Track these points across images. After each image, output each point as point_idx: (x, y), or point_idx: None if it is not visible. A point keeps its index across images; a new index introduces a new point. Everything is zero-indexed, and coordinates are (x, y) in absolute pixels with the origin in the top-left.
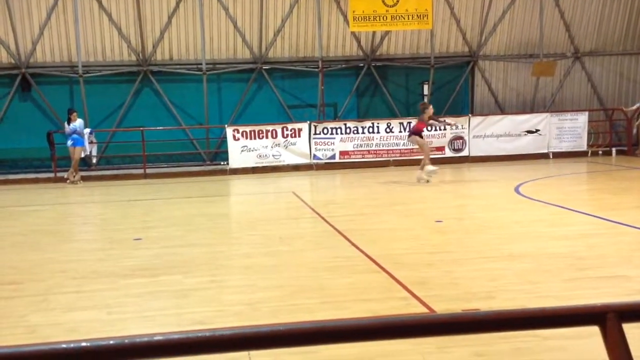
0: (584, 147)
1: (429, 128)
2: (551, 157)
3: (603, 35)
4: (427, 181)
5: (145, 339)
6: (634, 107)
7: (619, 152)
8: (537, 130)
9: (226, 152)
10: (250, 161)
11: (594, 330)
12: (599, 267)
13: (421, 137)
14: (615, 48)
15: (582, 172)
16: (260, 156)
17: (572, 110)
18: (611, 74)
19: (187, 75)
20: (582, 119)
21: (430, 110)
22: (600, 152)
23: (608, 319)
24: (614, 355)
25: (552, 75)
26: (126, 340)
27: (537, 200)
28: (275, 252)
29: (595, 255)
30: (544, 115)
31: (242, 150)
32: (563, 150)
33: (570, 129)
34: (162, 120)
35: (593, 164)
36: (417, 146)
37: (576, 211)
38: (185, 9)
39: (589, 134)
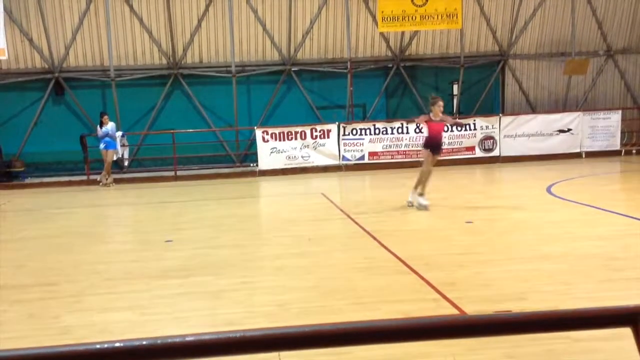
0: (618, 147)
1: (450, 128)
2: (584, 156)
3: (636, 33)
4: (411, 205)
5: (178, 339)
6: None
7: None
8: (569, 130)
9: (255, 154)
10: (279, 162)
11: (627, 332)
12: (634, 268)
13: (439, 148)
14: None
15: (615, 171)
16: (289, 157)
17: (605, 109)
18: None
19: (217, 78)
20: (615, 117)
21: (441, 105)
22: (634, 151)
23: None
24: None
25: (584, 74)
26: (159, 341)
27: (570, 201)
28: (305, 253)
29: (629, 256)
30: (576, 114)
31: (271, 152)
32: (596, 149)
33: (603, 127)
34: (192, 122)
35: (627, 164)
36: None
37: (610, 211)
38: (214, 12)
39: (623, 132)
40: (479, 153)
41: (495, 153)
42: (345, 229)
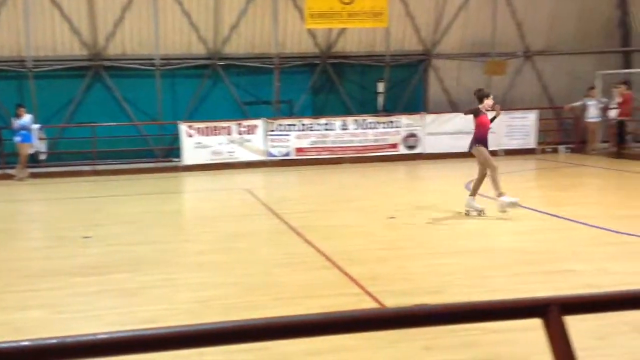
0: (533, 145)
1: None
2: (502, 154)
3: (554, 35)
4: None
5: (90, 337)
6: (577, 104)
7: (567, 150)
8: None
9: (179, 149)
10: (204, 158)
11: (539, 323)
12: (547, 261)
13: (486, 146)
14: (566, 47)
15: (531, 169)
16: (214, 153)
17: (522, 109)
18: (561, 73)
19: (140, 71)
20: (532, 117)
21: (491, 99)
22: (549, 150)
23: (550, 312)
24: (556, 346)
25: (503, 74)
26: (68, 340)
27: (488, 197)
28: (228, 249)
29: (543, 250)
30: (495, 113)
31: (196, 147)
32: (513, 147)
33: (520, 126)
34: (114, 116)
35: (542, 161)
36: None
37: (525, 207)
38: (138, 3)
39: (539, 131)
40: (402, 150)
41: (419, 150)
42: (269, 224)
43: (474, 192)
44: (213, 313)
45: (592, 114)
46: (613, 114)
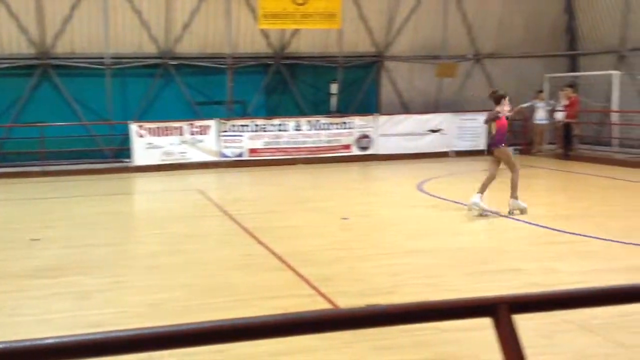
0: (483, 146)
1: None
2: (453, 155)
3: (503, 39)
4: (510, 213)
5: (37, 342)
6: (525, 105)
7: (516, 151)
8: (439, 130)
9: (130, 149)
10: (155, 158)
11: (489, 322)
12: (495, 261)
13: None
14: (514, 51)
15: (481, 170)
16: (166, 153)
17: (472, 111)
18: (510, 75)
19: (90, 70)
20: (481, 119)
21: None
22: None
23: (500, 311)
24: (505, 345)
25: (454, 77)
26: (13, 345)
27: (439, 197)
28: (181, 251)
29: (492, 250)
30: (446, 115)
31: (147, 147)
32: (464, 149)
33: (471, 128)
34: (62, 115)
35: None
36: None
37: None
38: (88, 0)
39: (489, 133)
40: (355, 151)
41: (371, 151)
42: (222, 226)
43: (482, 190)
44: (165, 316)
45: (540, 116)
46: (560, 116)
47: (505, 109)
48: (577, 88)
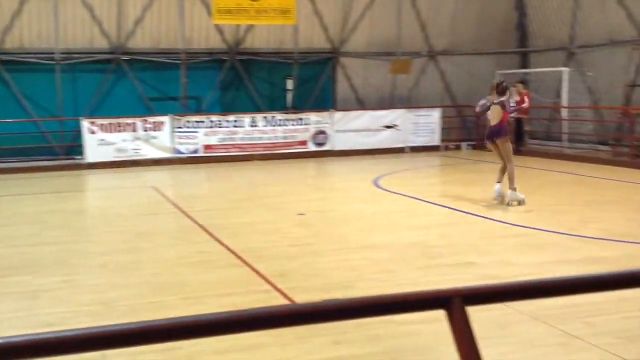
0: (437, 142)
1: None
2: (408, 151)
3: (455, 36)
4: (508, 204)
5: None
6: (482, 102)
7: (469, 147)
8: (394, 126)
9: (82, 146)
10: (108, 155)
11: (443, 314)
12: (450, 254)
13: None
14: (467, 47)
15: (435, 165)
16: (119, 150)
17: (427, 107)
18: (462, 72)
19: (40, 65)
20: (436, 114)
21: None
22: (452, 146)
23: (453, 303)
24: (459, 336)
25: (408, 73)
26: None
27: (394, 193)
28: (134, 248)
29: (446, 244)
30: (400, 111)
31: (99, 144)
32: (418, 144)
33: (425, 124)
34: (11, 112)
35: (445, 158)
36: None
37: (430, 202)
38: None
39: (442, 129)
40: (311, 147)
41: (327, 147)
42: (177, 223)
43: (511, 182)
44: (118, 315)
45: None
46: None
47: (515, 99)
48: (528, 84)
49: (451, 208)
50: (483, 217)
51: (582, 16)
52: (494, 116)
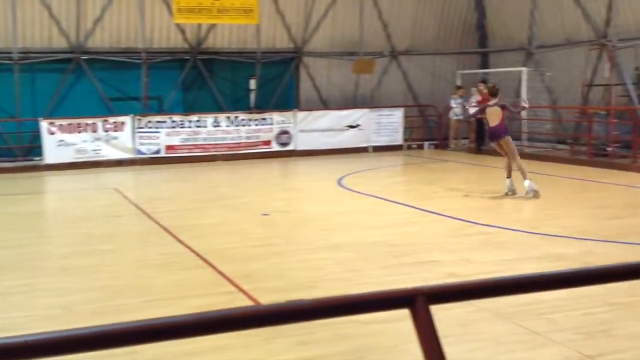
0: (400, 141)
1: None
2: (371, 150)
3: (416, 36)
4: (528, 195)
5: None
6: (454, 104)
7: (431, 146)
8: (358, 125)
9: (41, 147)
10: (68, 156)
11: (407, 313)
12: (413, 253)
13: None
14: (428, 47)
15: (398, 164)
16: (79, 151)
17: (389, 107)
18: (424, 72)
19: None
20: (398, 114)
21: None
22: (414, 146)
23: (417, 302)
24: (423, 334)
25: (371, 73)
26: None
27: (358, 192)
28: (95, 251)
29: (409, 243)
30: (364, 110)
31: (58, 145)
32: (381, 144)
33: (388, 124)
34: None
35: (408, 157)
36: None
37: (393, 201)
38: None
39: (405, 128)
40: (275, 147)
41: (291, 147)
42: (139, 225)
43: (523, 174)
44: (79, 319)
45: (457, 112)
46: (472, 111)
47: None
48: (489, 84)
49: (414, 207)
50: (445, 215)
51: (540, 17)
52: (493, 118)
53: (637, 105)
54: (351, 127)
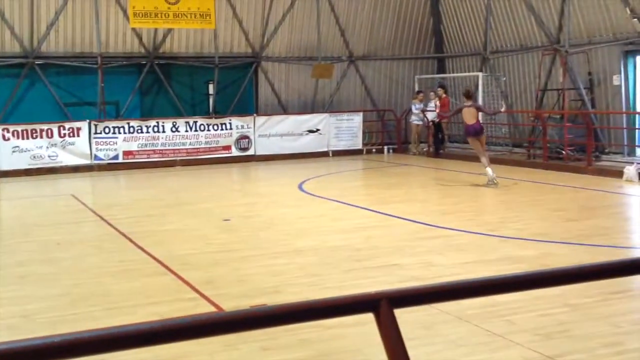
0: (360, 146)
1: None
2: (331, 155)
3: (374, 41)
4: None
5: None
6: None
7: (390, 150)
8: (317, 130)
9: None
10: (23, 163)
11: (371, 317)
12: (375, 257)
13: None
14: (385, 53)
15: (358, 169)
16: (34, 157)
17: (348, 111)
18: (382, 77)
19: None
20: (357, 119)
21: None
22: (374, 150)
23: (381, 306)
24: (387, 338)
25: (330, 78)
26: None
27: (319, 197)
28: (53, 259)
29: (371, 247)
30: (323, 115)
31: (13, 151)
32: (341, 148)
33: (347, 128)
34: None
35: (368, 161)
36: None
37: (354, 205)
38: None
39: (364, 133)
40: (235, 152)
41: (251, 152)
42: (97, 231)
43: (488, 163)
44: (38, 328)
45: (416, 116)
46: (431, 116)
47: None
48: (446, 89)
49: (375, 211)
50: (406, 219)
51: (495, 23)
52: (469, 117)
53: (590, 109)
54: (311, 131)
